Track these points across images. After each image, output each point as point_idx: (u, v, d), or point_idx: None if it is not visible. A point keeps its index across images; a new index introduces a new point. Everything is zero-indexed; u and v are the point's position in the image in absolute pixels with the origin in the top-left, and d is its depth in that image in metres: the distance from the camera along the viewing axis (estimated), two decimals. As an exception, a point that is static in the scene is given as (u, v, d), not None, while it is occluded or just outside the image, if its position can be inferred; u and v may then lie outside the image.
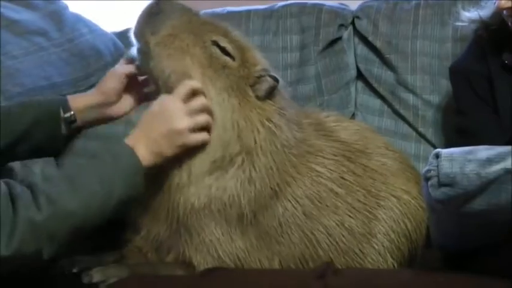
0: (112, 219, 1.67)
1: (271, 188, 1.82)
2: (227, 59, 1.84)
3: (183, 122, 1.72)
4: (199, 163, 1.79)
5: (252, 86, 1.85)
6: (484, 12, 2.21)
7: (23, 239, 1.46)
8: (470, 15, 2.27)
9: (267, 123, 1.84)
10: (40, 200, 1.49)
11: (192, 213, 1.80)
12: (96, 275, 1.81)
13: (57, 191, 1.52)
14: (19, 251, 1.45)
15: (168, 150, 1.71)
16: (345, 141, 2.00)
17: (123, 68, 1.90)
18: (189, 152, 1.77)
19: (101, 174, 1.59)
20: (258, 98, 1.85)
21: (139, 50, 1.85)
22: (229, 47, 1.84)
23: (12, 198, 1.47)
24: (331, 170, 1.91)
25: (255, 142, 1.82)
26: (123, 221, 1.88)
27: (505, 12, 2.06)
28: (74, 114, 1.84)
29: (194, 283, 1.76)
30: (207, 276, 1.77)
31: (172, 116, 1.71)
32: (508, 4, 2.03)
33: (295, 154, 1.88)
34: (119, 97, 1.88)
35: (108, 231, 1.76)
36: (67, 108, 1.84)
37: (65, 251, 1.57)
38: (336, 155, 1.95)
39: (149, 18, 1.83)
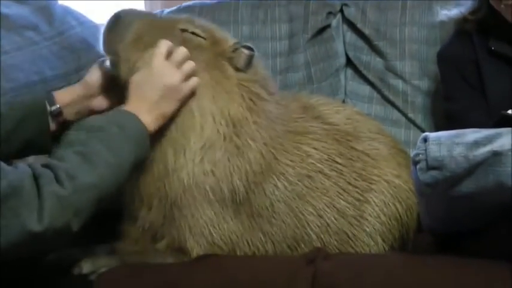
0: (108, 211, 1.68)
1: (260, 163, 1.84)
2: (199, 39, 1.87)
3: (175, 76, 1.76)
4: (190, 144, 1.81)
5: (229, 60, 1.88)
6: (465, 8, 2.22)
7: (52, 213, 1.48)
8: (451, 14, 2.28)
9: (249, 95, 1.88)
10: (61, 177, 1.51)
11: (186, 194, 1.81)
12: (85, 266, 1.83)
13: (74, 167, 1.55)
14: (50, 225, 1.47)
15: (169, 109, 1.76)
16: (336, 124, 2.01)
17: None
18: (180, 134, 1.81)
19: (111, 144, 1.62)
20: (238, 70, 1.88)
21: (112, 64, 1.86)
22: (197, 31, 1.87)
23: (36, 177, 1.49)
24: (320, 151, 1.93)
25: (240, 114, 1.85)
26: (118, 212, 1.89)
27: None
28: (59, 107, 1.85)
29: (184, 270, 1.77)
30: (198, 263, 1.78)
31: (163, 74, 1.75)
32: None
33: (282, 130, 1.91)
34: (102, 90, 1.89)
35: (105, 223, 1.77)
36: (52, 102, 1.85)
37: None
38: (325, 137, 1.96)
39: (113, 31, 1.85)
